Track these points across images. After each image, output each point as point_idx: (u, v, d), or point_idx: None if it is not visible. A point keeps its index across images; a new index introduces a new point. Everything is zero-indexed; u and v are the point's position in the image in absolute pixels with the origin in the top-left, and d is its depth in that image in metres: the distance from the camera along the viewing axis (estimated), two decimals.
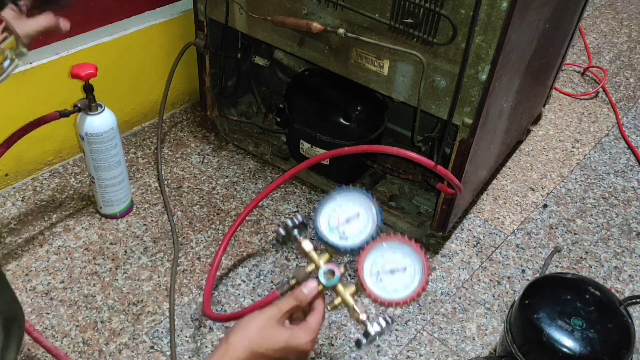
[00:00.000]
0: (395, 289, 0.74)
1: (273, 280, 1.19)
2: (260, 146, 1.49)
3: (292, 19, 1.14)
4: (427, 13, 0.98)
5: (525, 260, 1.29)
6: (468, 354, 1.10)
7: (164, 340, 1.07)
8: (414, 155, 1.07)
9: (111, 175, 1.22)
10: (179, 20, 1.48)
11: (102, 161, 1.19)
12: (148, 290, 1.15)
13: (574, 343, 0.90)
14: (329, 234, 0.79)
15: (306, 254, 0.79)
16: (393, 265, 0.76)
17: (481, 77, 0.99)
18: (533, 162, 1.56)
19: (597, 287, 0.98)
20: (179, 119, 1.59)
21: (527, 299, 0.97)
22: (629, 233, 1.38)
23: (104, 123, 1.17)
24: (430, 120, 1.22)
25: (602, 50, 2.05)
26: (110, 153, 1.19)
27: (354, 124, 1.29)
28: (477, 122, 1.03)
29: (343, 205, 0.80)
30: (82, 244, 1.23)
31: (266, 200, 1.37)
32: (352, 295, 0.77)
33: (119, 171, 1.23)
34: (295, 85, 1.39)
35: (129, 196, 1.29)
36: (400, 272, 0.76)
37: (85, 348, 1.05)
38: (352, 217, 0.80)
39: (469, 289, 1.22)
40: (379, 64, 1.10)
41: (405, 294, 0.74)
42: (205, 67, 1.40)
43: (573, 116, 1.74)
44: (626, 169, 1.57)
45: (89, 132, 1.16)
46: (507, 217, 1.39)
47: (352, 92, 1.30)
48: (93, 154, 1.18)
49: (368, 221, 0.79)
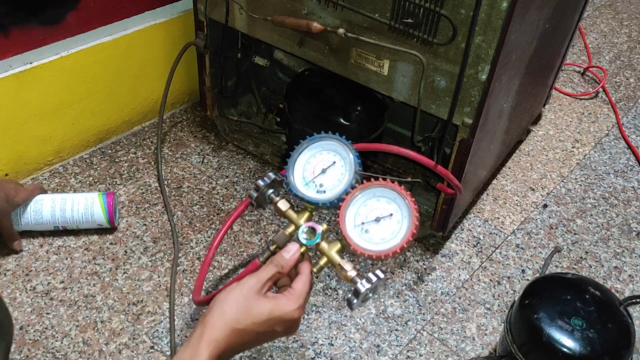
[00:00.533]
0: (382, 238, 0.68)
1: None
2: (260, 146, 1.49)
3: (292, 19, 1.14)
4: (427, 13, 0.98)
5: (525, 260, 1.29)
6: (468, 354, 1.10)
7: (164, 340, 1.07)
8: (414, 154, 1.07)
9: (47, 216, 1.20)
10: (179, 20, 1.48)
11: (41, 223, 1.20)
12: (148, 290, 1.15)
13: (574, 343, 0.90)
14: (304, 189, 0.73)
15: (283, 214, 0.74)
16: (378, 212, 0.70)
17: (481, 77, 0.99)
18: (533, 162, 1.56)
19: (597, 287, 0.98)
20: (179, 119, 1.59)
21: (527, 299, 0.97)
22: (629, 233, 1.38)
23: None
24: (430, 120, 1.22)
25: (602, 50, 2.05)
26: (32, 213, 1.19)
27: (354, 124, 1.29)
28: (477, 122, 1.03)
29: (317, 155, 0.74)
30: (82, 244, 1.23)
31: None
32: (338, 252, 0.71)
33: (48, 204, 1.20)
34: (295, 85, 1.39)
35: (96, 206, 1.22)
36: (387, 219, 0.69)
37: (85, 348, 1.05)
38: (328, 167, 0.73)
39: (469, 289, 1.22)
40: (379, 64, 1.10)
41: (394, 243, 0.67)
42: (205, 67, 1.41)
43: (573, 116, 1.74)
44: (626, 169, 1.57)
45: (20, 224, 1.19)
46: (507, 217, 1.39)
47: (352, 92, 1.30)
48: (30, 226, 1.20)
49: (345, 169, 0.73)
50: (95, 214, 1.21)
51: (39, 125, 1.32)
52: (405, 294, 1.19)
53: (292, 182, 0.73)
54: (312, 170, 0.74)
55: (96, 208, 1.21)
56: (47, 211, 1.19)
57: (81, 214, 1.20)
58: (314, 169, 0.74)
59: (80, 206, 1.20)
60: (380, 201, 0.70)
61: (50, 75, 1.28)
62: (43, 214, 1.19)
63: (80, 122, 1.40)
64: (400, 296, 1.19)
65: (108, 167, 1.42)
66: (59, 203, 1.19)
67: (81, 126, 1.41)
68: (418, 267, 1.25)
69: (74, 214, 1.20)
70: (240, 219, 1.31)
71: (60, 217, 1.19)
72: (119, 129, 1.50)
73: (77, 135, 1.42)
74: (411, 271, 1.24)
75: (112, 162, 1.43)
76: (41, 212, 1.18)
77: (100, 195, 1.22)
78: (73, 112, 1.38)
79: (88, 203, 1.21)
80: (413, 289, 1.21)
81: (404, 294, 1.19)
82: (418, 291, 1.20)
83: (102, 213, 1.21)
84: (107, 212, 1.21)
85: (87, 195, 1.22)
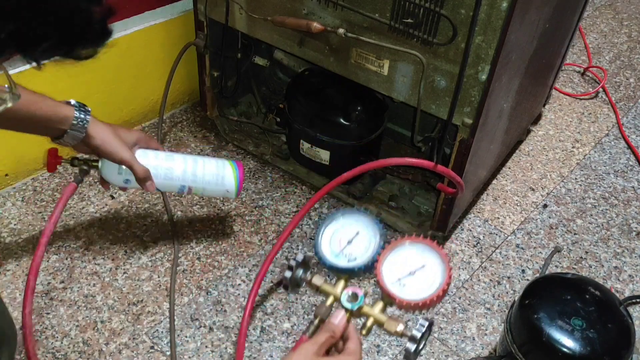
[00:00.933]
0: (421, 288, 0.72)
1: (273, 281, 1.19)
2: (260, 146, 1.49)
3: (292, 19, 1.14)
4: (427, 13, 0.98)
5: (525, 260, 1.29)
6: (468, 354, 1.10)
7: (164, 340, 1.07)
8: (412, 161, 1.08)
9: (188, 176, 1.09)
10: (179, 20, 1.48)
11: (169, 179, 1.07)
12: (148, 290, 1.15)
13: (574, 343, 0.90)
14: (336, 260, 0.77)
15: (319, 288, 0.77)
16: (411, 266, 0.74)
17: (481, 77, 0.99)
18: (533, 162, 1.56)
19: (597, 287, 0.98)
20: (179, 119, 1.59)
21: (527, 299, 0.97)
22: (629, 233, 1.38)
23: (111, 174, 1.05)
24: (430, 120, 1.22)
25: (602, 50, 2.05)
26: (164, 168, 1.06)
27: (354, 124, 1.29)
28: (477, 122, 1.03)
29: (339, 228, 0.79)
30: (82, 244, 1.23)
31: (266, 200, 1.37)
32: (381, 311, 0.74)
33: (190, 166, 1.09)
34: (295, 85, 1.39)
35: (227, 170, 1.14)
36: (420, 270, 0.74)
37: (85, 348, 1.05)
38: (353, 237, 0.79)
39: (469, 289, 1.22)
40: (379, 64, 1.10)
41: (434, 289, 0.71)
42: (205, 67, 1.41)
43: (573, 116, 1.74)
44: (626, 169, 1.57)
45: (129, 178, 1.04)
46: (507, 217, 1.39)
47: (352, 92, 1.30)
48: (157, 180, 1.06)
49: (370, 236, 0.78)
50: (227, 177, 1.13)
51: None
52: None
53: (324, 256, 0.77)
54: (338, 242, 0.79)
55: (228, 173, 1.13)
56: (179, 167, 1.08)
57: (213, 174, 1.12)
58: (340, 241, 0.79)
59: (211, 167, 1.12)
60: (410, 254, 0.75)
61: (50, 75, 1.28)
62: (174, 170, 1.08)
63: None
64: None
65: None
66: (190, 162, 1.10)
67: None
68: None
69: (205, 173, 1.11)
70: (240, 218, 1.32)
71: (191, 175, 1.09)
72: None
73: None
74: None
75: None
76: (172, 168, 1.08)
77: (231, 162, 1.15)
78: None
79: (220, 166, 1.13)
80: None
81: None
82: None
83: (233, 179, 1.13)
84: (238, 178, 1.14)
85: (218, 160, 1.14)
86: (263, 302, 1.15)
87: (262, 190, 1.39)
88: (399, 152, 1.52)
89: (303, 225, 1.31)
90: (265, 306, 1.14)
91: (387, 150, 1.50)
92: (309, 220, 1.33)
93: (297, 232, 1.29)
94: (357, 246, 0.78)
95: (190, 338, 1.08)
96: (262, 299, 1.16)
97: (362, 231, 0.79)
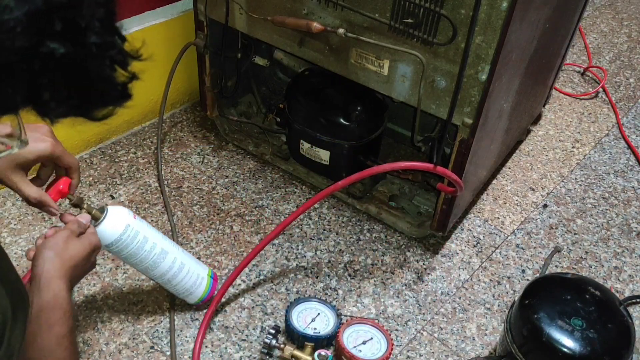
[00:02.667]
0: (372, 353, 1.02)
1: (273, 280, 1.19)
2: (260, 146, 1.49)
3: (292, 19, 1.14)
4: (427, 13, 0.98)
5: (525, 260, 1.29)
6: (468, 354, 1.10)
7: (164, 340, 1.07)
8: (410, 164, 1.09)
9: (163, 269, 1.02)
10: (179, 20, 1.48)
11: (143, 261, 0.99)
12: (148, 290, 1.15)
13: (574, 343, 0.90)
14: (305, 331, 1.05)
15: (292, 354, 1.01)
16: (362, 338, 1.04)
17: (481, 77, 0.99)
18: (533, 162, 1.56)
19: (597, 287, 0.98)
20: (179, 119, 1.59)
21: (527, 299, 0.97)
22: (629, 233, 1.38)
23: (115, 226, 0.95)
24: (430, 120, 1.22)
25: (602, 50, 2.05)
26: (144, 250, 0.98)
27: (354, 124, 1.29)
28: (477, 122, 1.03)
29: (304, 310, 1.09)
30: None
31: (266, 200, 1.37)
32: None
33: (170, 260, 1.02)
34: (295, 85, 1.39)
35: (203, 276, 1.08)
36: (370, 341, 1.04)
37: (85, 348, 1.05)
38: (315, 317, 1.09)
39: (469, 289, 1.22)
40: (379, 64, 1.10)
41: (382, 353, 1.02)
42: (205, 67, 1.40)
43: (573, 116, 1.74)
44: (626, 169, 1.57)
45: (107, 243, 0.95)
46: (507, 217, 1.39)
47: (352, 92, 1.30)
48: (129, 259, 0.99)
49: (329, 316, 1.09)
50: (196, 292, 1.09)
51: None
52: (405, 294, 1.19)
53: (296, 327, 1.06)
54: (304, 320, 1.08)
55: (201, 287, 1.09)
56: (166, 266, 1.02)
57: (186, 286, 1.07)
58: (305, 319, 1.08)
59: (190, 279, 1.07)
60: (360, 330, 1.06)
61: None
62: (160, 266, 1.02)
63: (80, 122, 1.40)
64: (400, 296, 1.19)
65: (108, 167, 1.42)
66: (177, 264, 1.04)
67: (81, 126, 1.40)
68: (418, 267, 1.25)
69: (180, 282, 1.05)
70: (240, 218, 1.32)
71: (171, 277, 1.04)
72: (119, 129, 1.50)
73: (77, 135, 1.42)
74: (411, 271, 1.24)
75: (112, 162, 1.43)
76: (158, 265, 1.01)
77: (210, 274, 1.11)
78: None
79: (197, 281, 1.08)
80: (413, 289, 1.21)
81: (404, 294, 1.19)
82: (418, 291, 1.20)
83: (203, 293, 1.09)
84: (207, 294, 1.10)
85: (200, 270, 1.08)
86: (263, 302, 1.15)
87: (262, 190, 1.39)
88: (399, 152, 1.52)
89: (303, 226, 1.32)
90: (265, 306, 1.14)
91: (387, 150, 1.50)
92: (309, 220, 1.33)
93: (297, 232, 1.30)
94: (319, 323, 1.08)
95: (190, 338, 1.08)
96: (262, 299, 1.16)
97: (322, 313, 1.09)
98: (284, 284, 1.19)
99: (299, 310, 1.09)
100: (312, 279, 1.20)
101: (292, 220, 1.10)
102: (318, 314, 1.09)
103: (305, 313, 1.09)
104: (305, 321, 1.07)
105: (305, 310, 1.09)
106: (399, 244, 1.29)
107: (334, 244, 1.28)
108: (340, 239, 1.29)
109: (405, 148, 1.53)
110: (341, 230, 1.31)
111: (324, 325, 1.07)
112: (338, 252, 1.26)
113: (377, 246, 1.28)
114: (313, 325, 1.07)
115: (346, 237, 1.30)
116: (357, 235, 1.30)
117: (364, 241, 1.29)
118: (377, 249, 1.28)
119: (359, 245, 1.28)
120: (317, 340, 1.04)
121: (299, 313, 1.08)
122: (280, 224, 1.10)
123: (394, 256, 1.27)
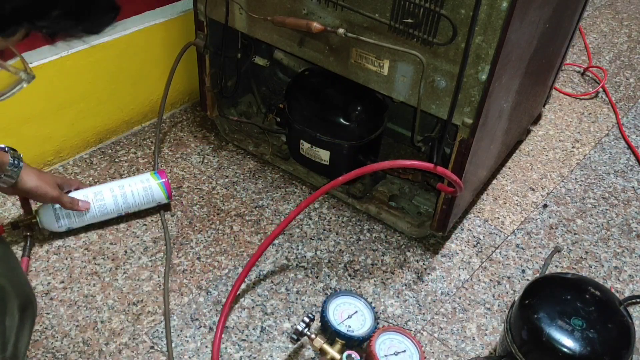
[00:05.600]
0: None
1: (273, 281, 1.19)
2: (260, 146, 1.49)
3: (292, 19, 1.14)
4: (427, 13, 0.98)
5: (525, 260, 1.29)
6: (468, 354, 1.10)
7: (164, 340, 1.07)
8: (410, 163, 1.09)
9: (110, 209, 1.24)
10: (179, 20, 1.48)
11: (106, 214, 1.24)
12: (148, 290, 1.15)
13: (574, 343, 0.90)
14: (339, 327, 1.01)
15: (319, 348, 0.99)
16: (395, 348, 1.00)
17: (481, 77, 0.99)
18: (533, 162, 1.56)
19: (597, 287, 0.98)
20: (179, 119, 1.59)
21: (527, 299, 0.97)
22: (629, 233, 1.38)
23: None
24: (430, 120, 1.22)
25: (602, 50, 2.05)
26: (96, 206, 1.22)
27: (354, 124, 1.29)
28: (477, 122, 1.03)
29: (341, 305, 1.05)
30: (82, 244, 1.23)
31: (266, 200, 1.37)
32: None
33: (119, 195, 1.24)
34: (295, 85, 1.39)
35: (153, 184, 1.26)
36: (402, 353, 0.99)
37: (85, 348, 1.05)
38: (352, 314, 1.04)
39: (469, 289, 1.22)
40: (379, 64, 1.10)
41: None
42: (205, 67, 1.41)
43: (573, 116, 1.74)
44: (626, 169, 1.57)
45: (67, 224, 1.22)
46: (507, 217, 1.39)
47: (352, 92, 1.30)
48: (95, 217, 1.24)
49: (366, 316, 1.04)
50: (155, 192, 1.26)
51: (39, 125, 1.32)
52: (405, 294, 1.19)
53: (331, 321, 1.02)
54: (340, 315, 1.04)
55: (154, 187, 1.26)
56: (109, 201, 1.22)
57: (142, 195, 1.25)
58: (341, 314, 1.04)
59: (139, 189, 1.24)
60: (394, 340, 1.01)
61: (50, 75, 1.28)
62: (106, 204, 1.22)
63: (80, 122, 1.41)
64: (400, 296, 1.19)
65: (108, 167, 1.42)
66: (118, 191, 1.23)
67: (81, 126, 1.41)
68: (418, 267, 1.25)
69: (135, 198, 1.24)
70: (240, 218, 1.32)
71: (123, 203, 1.24)
72: (119, 129, 1.50)
73: (77, 135, 1.42)
74: (411, 271, 1.24)
75: (112, 162, 1.43)
76: (104, 203, 1.22)
77: (153, 174, 1.27)
78: (73, 112, 1.38)
79: (145, 184, 1.25)
80: (413, 289, 1.21)
81: (404, 294, 1.19)
82: (418, 291, 1.20)
83: (161, 191, 1.26)
84: (165, 187, 1.27)
85: (142, 177, 1.26)
86: (263, 302, 1.15)
87: (262, 190, 1.39)
88: (399, 152, 1.52)
89: (303, 226, 1.32)
90: (265, 306, 1.14)
91: (387, 150, 1.50)
92: (309, 220, 1.33)
93: (297, 232, 1.30)
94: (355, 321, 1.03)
95: (190, 338, 1.08)
96: (262, 299, 1.16)
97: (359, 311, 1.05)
98: (284, 284, 1.19)
99: (338, 302, 1.05)
100: (312, 279, 1.20)
101: (295, 216, 1.10)
102: (356, 311, 1.05)
103: (343, 308, 1.05)
104: (342, 316, 1.04)
105: (344, 305, 1.05)
106: (399, 244, 1.29)
107: (334, 244, 1.28)
108: (340, 239, 1.29)
109: (405, 148, 1.53)
110: (341, 230, 1.31)
111: (359, 324, 1.03)
112: (338, 252, 1.26)
113: (377, 246, 1.28)
114: (348, 322, 1.03)
115: (346, 237, 1.30)
116: (357, 235, 1.30)
117: (364, 241, 1.29)
118: (377, 249, 1.28)
119: (359, 245, 1.28)
120: (350, 340, 1.01)
121: (336, 306, 1.05)
122: (284, 220, 1.10)
123: (394, 256, 1.27)
